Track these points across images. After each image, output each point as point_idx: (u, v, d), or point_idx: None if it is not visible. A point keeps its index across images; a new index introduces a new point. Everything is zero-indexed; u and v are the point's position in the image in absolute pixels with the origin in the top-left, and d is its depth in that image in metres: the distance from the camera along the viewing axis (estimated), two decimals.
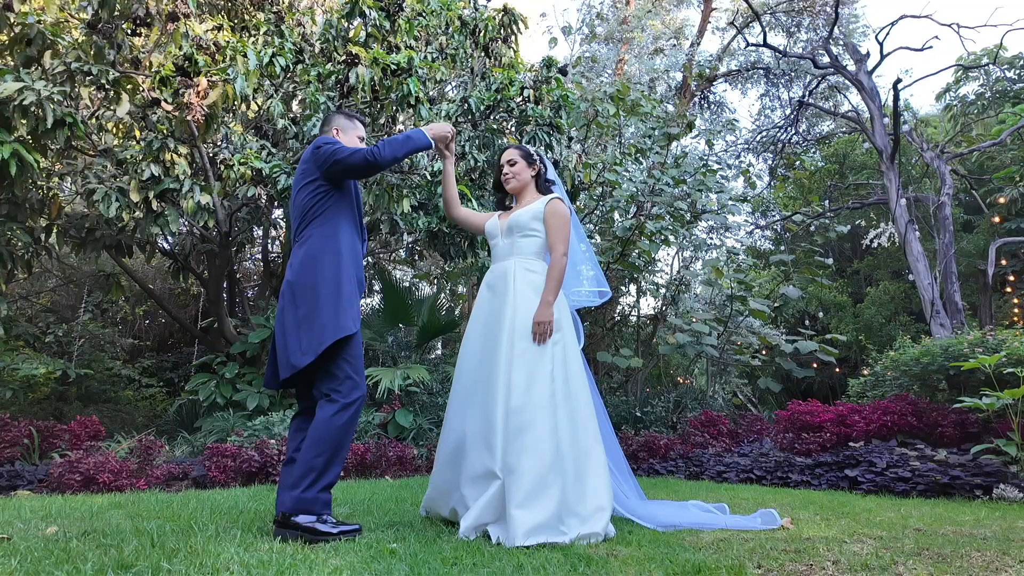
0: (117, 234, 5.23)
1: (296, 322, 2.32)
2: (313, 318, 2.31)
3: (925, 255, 8.44)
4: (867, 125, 9.54)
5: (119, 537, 2.09)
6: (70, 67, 4.31)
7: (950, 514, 3.06)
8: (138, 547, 1.93)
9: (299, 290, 2.35)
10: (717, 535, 2.47)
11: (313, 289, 2.35)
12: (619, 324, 8.33)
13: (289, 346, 2.31)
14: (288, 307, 2.36)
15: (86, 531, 2.22)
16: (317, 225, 2.42)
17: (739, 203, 8.18)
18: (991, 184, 10.09)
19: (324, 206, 2.44)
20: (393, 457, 4.63)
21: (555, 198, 2.73)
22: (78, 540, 2.05)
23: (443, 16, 5.88)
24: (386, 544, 2.10)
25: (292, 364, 2.29)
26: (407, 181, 5.46)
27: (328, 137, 2.52)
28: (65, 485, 3.64)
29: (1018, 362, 4.30)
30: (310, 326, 2.31)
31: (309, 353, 2.28)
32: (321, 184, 2.44)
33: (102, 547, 1.94)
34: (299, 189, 2.47)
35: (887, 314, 10.89)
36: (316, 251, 2.39)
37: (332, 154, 2.40)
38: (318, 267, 2.37)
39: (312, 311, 2.32)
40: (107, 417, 6.19)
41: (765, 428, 5.92)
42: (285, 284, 2.40)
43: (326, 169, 2.42)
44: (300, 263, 2.39)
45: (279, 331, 2.37)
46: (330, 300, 2.34)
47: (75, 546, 1.94)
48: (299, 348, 2.29)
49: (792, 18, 13.09)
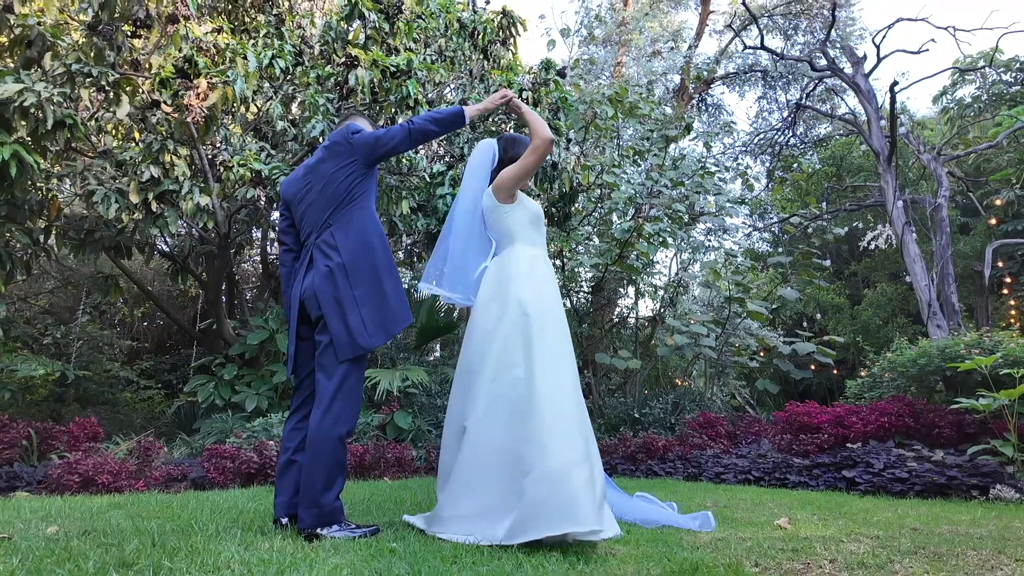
0: (116, 235, 5.24)
1: (354, 301, 2.32)
2: (380, 300, 2.35)
3: (922, 257, 8.46)
4: (864, 127, 9.58)
5: (120, 536, 2.10)
6: (70, 69, 4.32)
7: (947, 514, 3.07)
8: (139, 546, 1.93)
9: (355, 270, 2.36)
10: (715, 535, 2.48)
11: (373, 270, 2.38)
12: (617, 326, 8.34)
13: (351, 325, 2.30)
14: (342, 285, 2.33)
15: (86, 531, 2.23)
16: (357, 209, 2.44)
17: (737, 205, 8.20)
18: (988, 186, 10.13)
19: (362, 188, 2.47)
20: (392, 459, 4.64)
21: None
22: (79, 539, 2.05)
23: (442, 19, 5.90)
24: (386, 543, 2.11)
25: (359, 345, 2.29)
26: (406, 183, 5.48)
27: (355, 124, 2.55)
28: (64, 486, 3.64)
29: (1014, 363, 4.32)
30: (376, 308, 2.34)
31: (378, 335, 2.32)
32: (360, 168, 2.46)
33: (103, 546, 1.94)
34: (334, 173, 2.45)
35: (884, 316, 10.92)
36: (367, 234, 2.42)
37: (376, 139, 2.45)
38: (373, 250, 2.40)
39: (375, 293, 2.36)
40: (105, 419, 6.19)
41: (763, 429, 5.94)
42: (335, 266, 2.35)
43: (369, 154, 2.46)
44: (353, 246, 2.38)
45: (329, 311, 2.31)
46: (396, 285, 2.41)
47: (76, 545, 1.94)
48: (363, 328, 2.31)
49: (789, 21, 13.13)
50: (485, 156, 2.75)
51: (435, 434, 5.40)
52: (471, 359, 2.49)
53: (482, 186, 2.72)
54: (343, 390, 2.29)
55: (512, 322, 2.40)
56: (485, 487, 2.24)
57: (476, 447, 2.31)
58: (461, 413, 2.45)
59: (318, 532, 2.20)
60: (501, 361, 2.36)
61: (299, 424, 2.44)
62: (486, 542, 2.12)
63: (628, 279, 7.79)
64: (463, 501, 2.28)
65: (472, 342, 2.53)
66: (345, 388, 2.30)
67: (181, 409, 6.38)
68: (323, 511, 2.21)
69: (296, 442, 2.41)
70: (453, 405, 2.54)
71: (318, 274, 2.36)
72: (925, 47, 9.11)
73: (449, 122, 2.56)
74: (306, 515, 2.21)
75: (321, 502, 2.21)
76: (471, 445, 2.32)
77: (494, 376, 2.36)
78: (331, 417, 2.26)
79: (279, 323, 6.09)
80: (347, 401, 2.30)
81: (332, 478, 2.24)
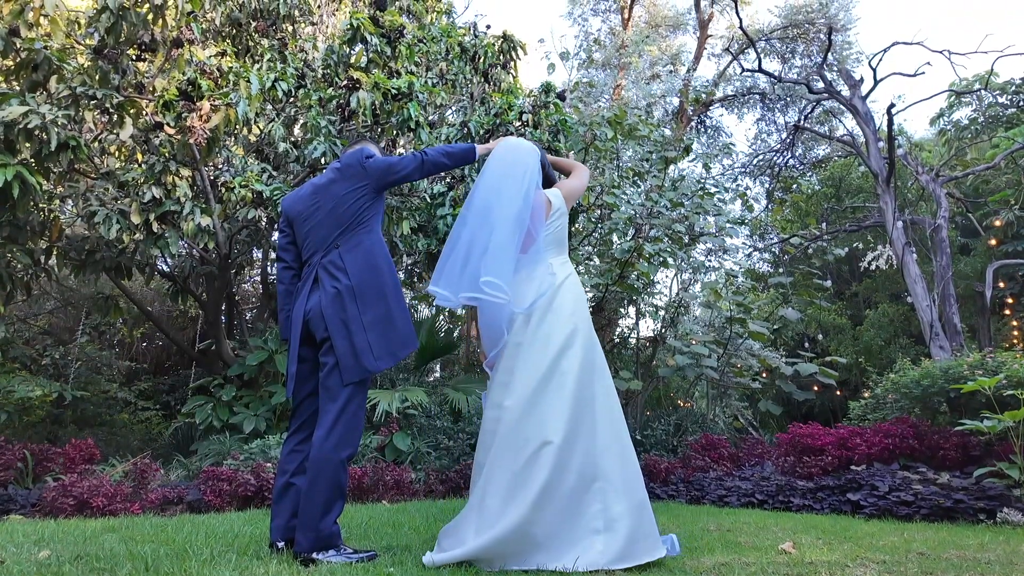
0: (117, 256, 5.25)
1: (361, 324, 2.32)
2: (387, 324, 2.36)
3: (923, 277, 8.47)
4: (862, 149, 9.65)
5: (113, 561, 2.07)
6: (75, 91, 4.37)
7: (954, 538, 3.02)
8: (132, 571, 1.90)
9: (363, 292, 2.36)
10: (718, 559, 2.43)
11: (380, 294, 2.38)
12: (618, 346, 8.30)
13: (357, 347, 2.30)
14: (350, 308, 2.33)
15: (79, 555, 2.19)
16: (366, 231, 2.46)
17: (737, 226, 8.23)
18: (987, 207, 10.17)
19: (371, 212, 2.49)
20: (391, 481, 4.58)
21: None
22: (71, 564, 2.02)
23: (443, 42, 5.98)
24: (383, 568, 2.07)
25: (365, 368, 2.29)
26: (407, 203, 5.50)
27: (368, 149, 2.59)
28: (58, 509, 3.59)
29: (1018, 384, 4.29)
30: (383, 331, 2.35)
31: (384, 359, 2.33)
32: (370, 193, 2.49)
33: (95, 571, 1.91)
34: (344, 195, 2.46)
35: (886, 336, 10.89)
36: (375, 257, 2.43)
37: (389, 166, 2.49)
38: (381, 273, 2.42)
39: (383, 316, 2.36)
40: (102, 440, 6.14)
41: (766, 451, 5.88)
42: (343, 288, 2.35)
43: (382, 180, 2.49)
44: (362, 268, 2.39)
45: (336, 333, 2.30)
46: (402, 309, 2.42)
47: (68, 570, 1.91)
48: (370, 351, 2.31)
49: (786, 44, 13.32)
50: (535, 158, 2.68)
51: (434, 456, 5.34)
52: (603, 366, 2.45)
53: (534, 184, 2.60)
54: (346, 413, 2.28)
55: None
56: None
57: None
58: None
59: (314, 557, 2.16)
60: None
61: (297, 446, 2.42)
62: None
63: (629, 299, 7.78)
64: None
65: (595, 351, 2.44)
66: (349, 411, 2.29)
67: (179, 430, 6.33)
68: (321, 535, 2.18)
69: (294, 465, 2.38)
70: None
71: (325, 295, 2.36)
72: (921, 70, 9.23)
73: (460, 157, 2.63)
74: (303, 539, 2.18)
75: (319, 526, 2.18)
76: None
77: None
78: (333, 439, 2.24)
79: (278, 344, 6.07)
80: (350, 424, 2.29)
81: (331, 502, 2.22)
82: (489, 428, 2.38)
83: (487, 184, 2.59)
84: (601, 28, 15.02)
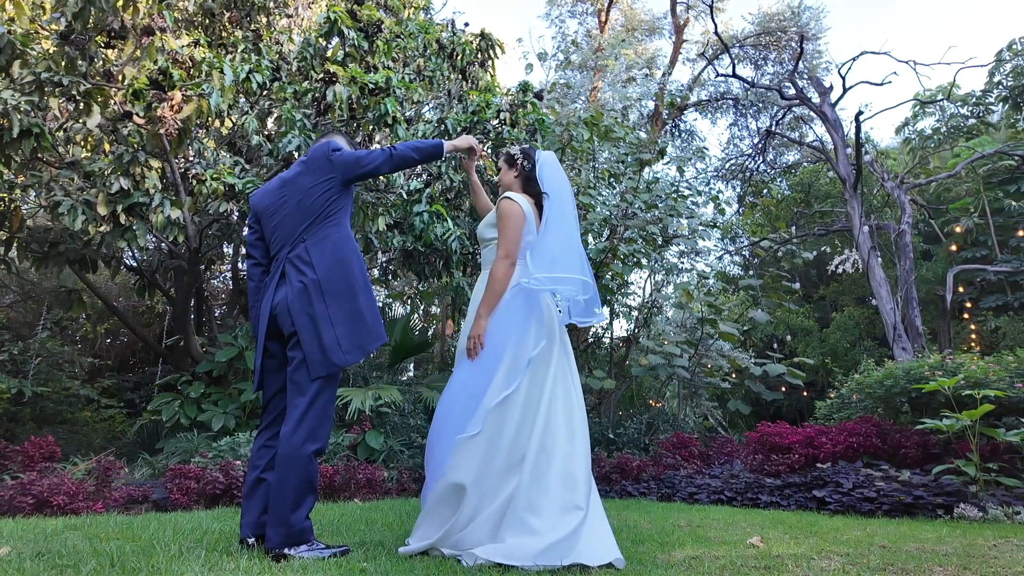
0: (82, 248, 5.10)
1: (328, 319, 2.30)
2: (355, 318, 2.34)
3: (887, 281, 8.70)
4: (831, 155, 9.88)
5: (76, 558, 2.01)
6: (40, 77, 4.24)
7: (914, 532, 3.12)
8: (96, 567, 1.85)
9: (330, 286, 2.34)
10: (689, 553, 2.47)
11: (348, 288, 2.36)
12: (592, 346, 8.36)
13: (324, 342, 2.27)
14: (317, 302, 2.31)
15: (40, 552, 2.13)
16: (333, 225, 2.44)
17: (709, 228, 8.35)
18: (948, 214, 10.50)
19: (338, 205, 2.46)
20: (363, 480, 4.54)
21: (504, 198, 2.57)
22: (32, 561, 1.96)
23: (421, 39, 5.96)
24: (356, 563, 2.06)
25: (333, 362, 2.27)
26: (382, 200, 5.46)
27: (335, 142, 2.54)
28: (16, 508, 3.48)
29: (975, 384, 4.44)
30: (351, 325, 2.32)
31: (352, 352, 2.31)
32: (337, 186, 2.46)
33: (58, 568, 1.86)
34: (311, 187, 2.44)
35: (852, 338, 11.17)
36: (343, 251, 2.41)
37: (356, 159, 2.46)
38: (349, 267, 2.39)
39: (351, 310, 2.34)
40: (63, 439, 5.95)
41: (735, 450, 5.98)
42: (309, 282, 2.33)
43: (348, 173, 2.46)
44: (329, 262, 2.37)
45: (303, 327, 2.29)
46: (371, 303, 2.41)
47: (29, 567, 1.86)
48: (338, 346, 2.29)
49: (759, 51, 13.58)
50: None
51: (407, 454, 5.31)
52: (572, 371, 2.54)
53: None
54: (315, 407, 2.26)
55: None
56: None
57: None
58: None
59: (286, 552, 2.13)
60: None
61: (268, 442, 2.39)
62: None
63: (603, 300, 7.84)
64: None
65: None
66: (317, 405, 2.27)
67: (144, 428, 6.17)
68: (292, 530, 2.16)
69: (265, 460, 2.35)
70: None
71: (292, 290, 2.33)
72: (888, 79, 9.48)
73: (429, 153, 2.61)
74: (274, 534, 2.15)
75: (290, 521, 2.15)
76: None
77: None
78: (302, 434, 2.22)
79: (248, 340, 5.97)
80: (319, 418, 2.27)
81: (302, 497, 2.19)
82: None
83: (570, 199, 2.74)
84: (578, 30, 15.12)
